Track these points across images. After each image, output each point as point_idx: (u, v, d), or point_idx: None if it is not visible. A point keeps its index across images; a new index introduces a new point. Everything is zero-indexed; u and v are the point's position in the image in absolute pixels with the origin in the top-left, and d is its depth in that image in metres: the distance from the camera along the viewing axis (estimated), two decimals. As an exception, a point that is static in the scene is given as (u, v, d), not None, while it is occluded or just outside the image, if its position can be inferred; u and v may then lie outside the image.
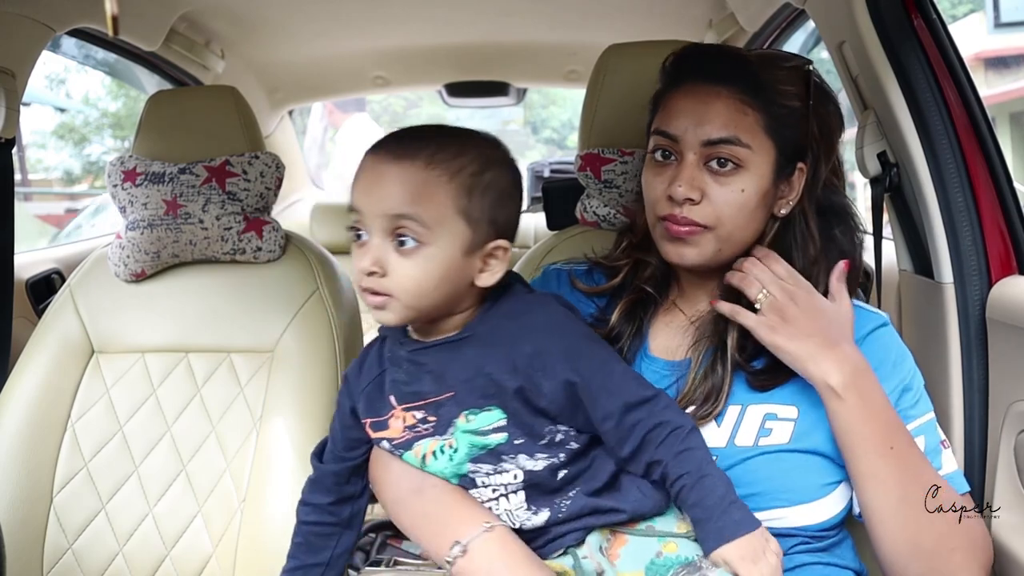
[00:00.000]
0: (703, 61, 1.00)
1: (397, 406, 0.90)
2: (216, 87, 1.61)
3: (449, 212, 0.83)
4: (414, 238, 0.82)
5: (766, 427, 0.97)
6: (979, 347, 1.16)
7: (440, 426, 0.88)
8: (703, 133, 0.94)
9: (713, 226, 0.95)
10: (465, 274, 0.86)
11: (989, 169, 1.18)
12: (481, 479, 0.88)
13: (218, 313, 1.44)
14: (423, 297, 0.84)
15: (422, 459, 0.90)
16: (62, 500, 1.36)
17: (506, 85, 2.89)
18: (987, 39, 6.78)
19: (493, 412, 0.86)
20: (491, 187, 0.85)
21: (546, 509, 0.88)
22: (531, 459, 0.87)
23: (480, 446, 0.87)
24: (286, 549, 1.27)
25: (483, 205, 0.85)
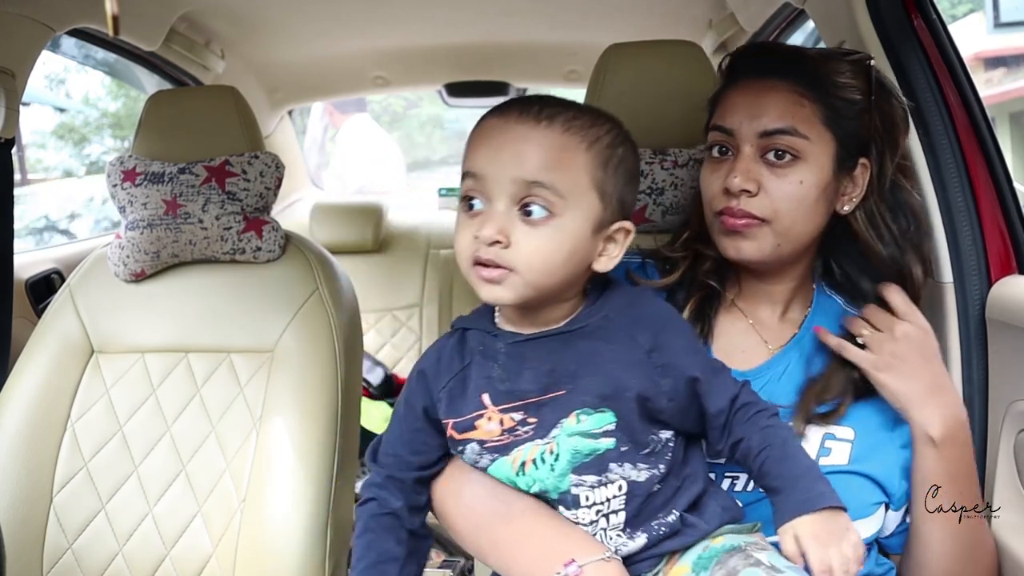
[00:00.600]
0: (758, 58, 1.00)
1: (491, 406, 0.82)
2: (216, 87, 1.61)
3: (584, 182, 0.78)
4: (545, 207, 0.76)
5: (826, 446, 0.96)
6: (979, 347, 1.16)
7: (541, 428, 0.81)
8: (759, 125, 0.93)
9: (770, 219, 0.93)
10: (589, 253, 0.80)
11: (989, 169, 1.18)
12: (585, 494, 0.81)
13: (218, 313, 1.44)
14: (549, 274, 0.78)
15: (520, 467, 0.82)
16: (62, 500, 1.36)
17: (506, 85, 2.89)
18: (987, 39, 6.77)
19: (606, 414, 0.80)
20: (624, 162, 0.81)
21: (643, 533, 0.82)
22: (635, 468, 0.80)
23: (586, 452, 0.79)
24: (286, 549, 1.27)
25: (616, 181, 0.80)
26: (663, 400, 0.81)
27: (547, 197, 0.76)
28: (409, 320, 2.65)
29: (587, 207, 0.78)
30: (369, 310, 2.58)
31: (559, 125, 0.77)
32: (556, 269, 0.78)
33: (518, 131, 0.77)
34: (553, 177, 0.76)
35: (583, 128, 0.78)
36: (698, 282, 1.02)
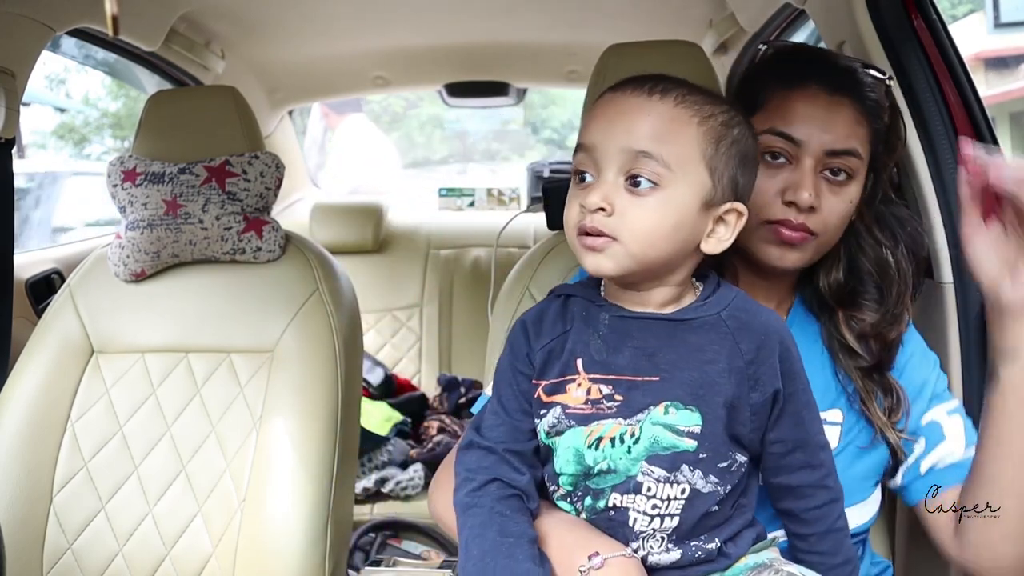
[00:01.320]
0: (825, 68, 0.96)
1: (583, 372, 0.81)
2: (216, 87, 1.61)
3: (694, 156, 0.77)
4: (651, 179, 0.76)
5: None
6: (979, 347, 1.16)
7: (627, 409, 0.79)
8: (828, 142, 0.92)
9: (821, 233, 0.94)
10: (696, 231, 0.79)
11: (989, 169, 1.18)
12: (649, 484, 0.79)
13: (218, 313, 1.44)
14: (652, 246, 0.77)
15: (595, 442, 0.80)
16: (62, 500, 1.36)
17: (506, 85, 2.89)
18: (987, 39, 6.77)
19: (694, 414, 0.78)
20: (738, 143, 0.79)
21: (679, 550, 0.81)
22: (704, 479, 0.79)
23: (665, 445, 0.78)
24: (286, 549, 1.27)
25: (728, 159, 0.78)
26: (747, 412, 0.80)
27: (654, 168, 0.76)
28: (409, 320, 2.65)
29: (696, 182, 0.77)
30: (369, 310, 2.58)
31: (671, 99, 0.77)
32: (660, 241, 0.77)
33: (631, 103, 0.77)
34: (661, 148, 0.76)
35: (697, 104, 0.78)
36: None
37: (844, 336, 0.98)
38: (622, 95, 0.79)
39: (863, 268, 0.99)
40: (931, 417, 0.99)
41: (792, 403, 0.82)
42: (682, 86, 0.79)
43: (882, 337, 0.98)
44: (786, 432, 0.82)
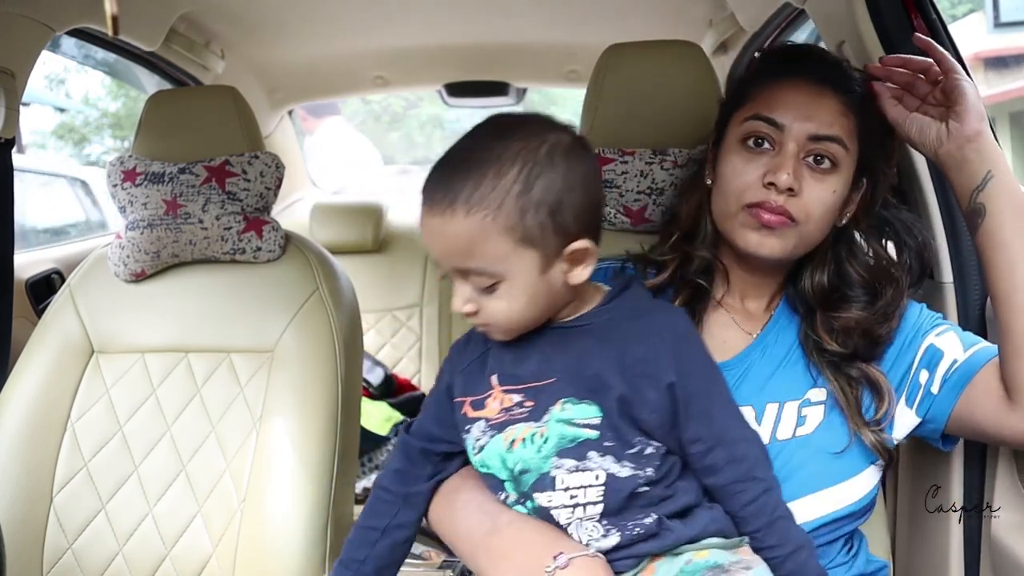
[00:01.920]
0: (811, 61, 1.00)
1: (497, 386, 0.88)
2: (216, 87, 1.61)
3: (508, 248, 0.80)
4: (490, 284, 0.81)
5: (801, 415, 0.98)
6: (979, 347, 1.16)
7: (536, 412, 0.85)
8: (811, 127, 0.94)
9: (801, 222, 0.94)
10: (552, 285, 0.83)
11: (989, 169, 1.18)
12: (562, 476, 0.84)
13: (218, 313, 1.44)
14: (518, 322, 0.84)
15: (510, 444, 0.86)
16: (62, 500, 1.36)
17: (506, 85, 2.89)
18: (987, 39, 6.78)
19: (591, 407, 0.84)
20: (544, 199, 0.80)
21: (616, 532, 0.83)
22: (617, 463, 0.83)
23: (570, 438, 0.83)
24: (286, 549, 1.27)
25: (540, 221, 0.80)
26: (645, 410, 0.83)
27: (485, 276, 0.81)
28: (409, 320, 2.65)
29: (524, 261, 0.81)
30: (369, 310, 2.58)
31: (461, 209, 0.79)
32: (522, 315, 0.84)
33: (431, 227, 0.82)
34: (478, 262, 0.80)
35: (484, 197, 0.79)
36: (687, 281, 1.03)
37: (820, 335, 0.99)
38: (425, 215, 0.82)
39: (853, 275, 1.00)
40: (925, 346, 0.99)
41: (698, 401, 0.84)
42: (466, 182, 0.79)
43: (869, 333, 0.99)
44: (700, 431, 0.84)
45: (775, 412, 0.98)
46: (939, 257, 1.17)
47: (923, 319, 1.02)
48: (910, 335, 1.00)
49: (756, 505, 0.85)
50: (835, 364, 0.99)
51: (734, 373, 1.00)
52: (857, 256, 1.00)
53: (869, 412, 0.98)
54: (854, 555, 0.99)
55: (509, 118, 0.85)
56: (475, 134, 0.83)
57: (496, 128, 0.83)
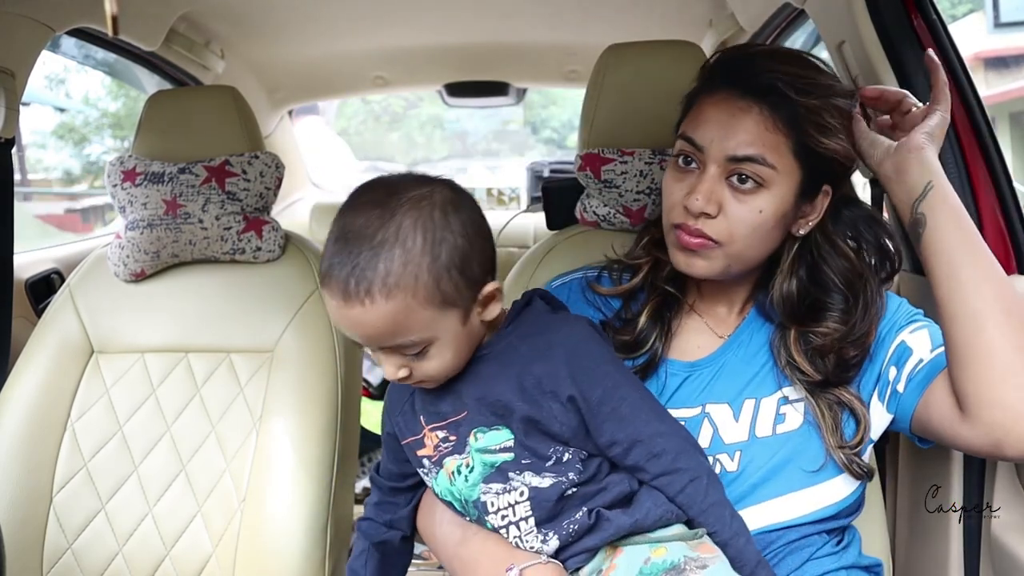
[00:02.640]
0: (741, 70, 0.94)
1: (425, 426, 0.91)
2: (216, 87, 1.61)
3: (431, 315, 0.82)
4: (422, 351, 0.84)
5: (780, 412, 0.98)
6: (979, 347, 1.15)
7: (459, 445, 0.89)
8: (729, 148, 0.91)
9: (725, 243, 0.93)
10: (473, 329, 0.86)
11: (989, 169, 1.18)
12: (491, 500, 0.87)
13: (218, 313, 1.44)
14: (451, 371, 0.87)
15: (450, 478, 0.90)
16: (62, 500, 1.36)
17: (506, 85, 2.89)
18: (987, 39, 6.78)
19: (501, 432, 0.86)
20: (452, 260, 0.82)
21: (554, 535, 0.86)
22: (537, 476, 0.86)
23: (490, 464, 0.87)
24: (286, 549, 1.27)
25: (455, 282, 0.82)
26: (554, 424, 0.85)
27: (418, 344, 0.83)
28: (409, 320, 2.65)
29: (448, 321, 0.83)
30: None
31: (379, 296, 0.79)
32: (455, 366, 0.87)
33: (350, 318, 0.81)
34: (410, 337, 0.82)
35: (399, 279, 0.79)
36: (657, 287, 1.04)
37: (792, 355, 0.98)
38: (340, 307, 0.81)
39: (827, 279, 0.98)
40: (897, 342, 0.98)
41: (605, 405, 0.85)
42: (375, 269, 0.79)
43: (841, 354, 0.96)
44: (614, 433, 0.85)
45: (752, 408, 0.98)
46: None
47: (900, 314, 1.00)
48: (884, 329, 0.99)
49: (685, 495, 0.85)
50: (810, 389, 0.98)
51: (708, 372, 1.01)
52: (827, 260, 0.98)
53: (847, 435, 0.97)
54: (844, 547, 0.98)
55: (383, 186, 0.84)
56: (360, 211, 0.82)
57: (379, 201, 0.82)
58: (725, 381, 1.00)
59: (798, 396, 0.98)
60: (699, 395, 0.99)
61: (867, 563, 1.00)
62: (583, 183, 1.32)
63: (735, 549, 0.85)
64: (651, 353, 1.01)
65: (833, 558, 0.97)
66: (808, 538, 0.95)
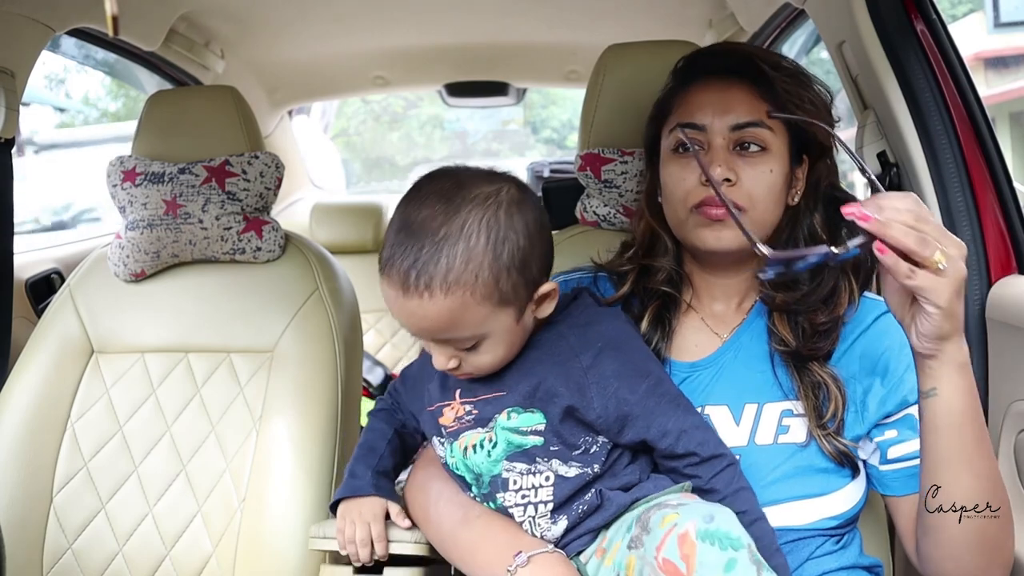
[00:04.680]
0: (715, 59, 1.03)
1: (458, 399, 0.93)
2: (216, 87, 1.61)
3: (488, 312, 0.83)
4: (474, 346, 0.85)
5: (783, 424, 0.98)
6: (979, 347, 1.16)
7: (481, 419, 0.90)
8: (730, 119, 0.97)
9: (748, 207, 0.96)
10: (526, 326, 0.88)
11: (989, 169, 1.18)
12: (514, 478, 0.89)
13: (218, 313, 1.44)
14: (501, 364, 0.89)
15: (464, 451, 0.92)
16: (62, 500, 1.36)
17: (506, 85, 2.89)
18: (987, 39, 6.78)
19: (535, 415, 0.88)
20: (513, 261, 0.83)
21: (564, 517, 0.88)
22: (564, 464, 0.88)
23: (517, 445, 0.88)
24: (286, 549, 1.27)
25: (513, 282, 0.83)
26: (592, 414, 0.87)
27: (468, 341, 0.85)
28: (409, 320, 2.65)
29: (502, 318, 0.85)
30: (369, 310, 2.58)
31: (439, 290, 0.80)
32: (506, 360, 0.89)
33: (407, 308, 0.82)
34: (461, 332, 0.84)
35: (458, 275, 0.80)
36: (653, 291, 1.05)
37: (775, 322, 1.00)
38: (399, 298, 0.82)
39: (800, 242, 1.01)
40: (910, 409, 0.97)
41: (651, 398, 0.88)
42: (439, 261, 0.80)
43: (810, 319, 0.98)
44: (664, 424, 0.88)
45: (754, 413, 0.98)
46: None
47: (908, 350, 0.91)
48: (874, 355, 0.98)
49: (720, 479, 0.87)
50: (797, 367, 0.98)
51: (708, 373, 1.01)
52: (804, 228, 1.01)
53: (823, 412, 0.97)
54: (843, 547, 0.98)
55: (450, 178, 0.85)
56: (425, 203, 0.83)
57: (445, 194, 0.83)
58: (725, 383, 1.00)
59: (802, 411, 0.97)
60: (698, 396, 0.99)
61: (867, 563, 1.00)
62: (583, 183, 1.32)
63: (759, 530, 0.85)
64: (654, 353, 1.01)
65: (833, 557, 0.97)
66: (806, 539, 0.95)
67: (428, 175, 0.87)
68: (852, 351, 1.00)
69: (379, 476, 1.01)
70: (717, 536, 0.74)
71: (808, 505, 0.95)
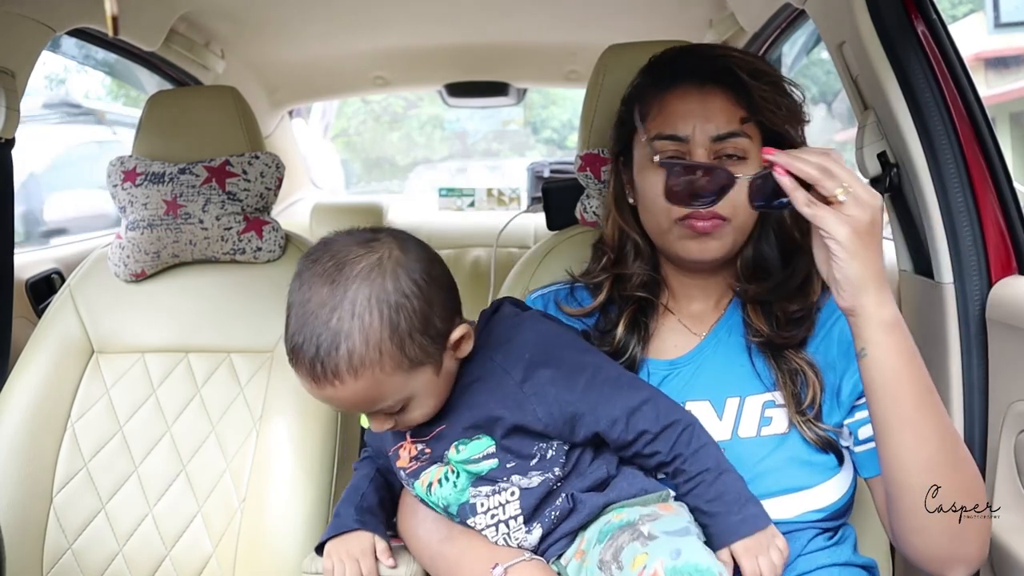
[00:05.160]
0: (692, 63, 1.01)
1: (408, 438, 0.93)
2: (216, 87, 1.61)
3: (403, 378, 0.83)
4: (399, 408, 0.85)
5: (766, 415, 0.98)
6: (979, 347, 1.16)
7: (435, 457, 0.91)
8: (711, 130, 0.96)
9: (731, 217, 0.97)
10: (448, 371, 0.88)
11: (989, 169, 1.18)
12: (480, 501, 0.90)
13: (218, 313, 1.44)
14: (434, 413, 0.89)
15: (428, 488, 0.92)
16: (62, 500, 1.36)
17: (506, 85, 2.89)
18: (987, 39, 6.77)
19: (483, 440, 0.88)
20: (411, 326, 0.81)
21: (537, 524, 0.89)
22: (525, 477, 0.88)
23: (475, 472, 0.89)
24: (286, 549, 1.27)
25: (419, 343, 0.82)
26: (539, 425, 0.87)
27: (396, 406, 0.85)
28: (409, 320, 2.65)
29: (423, 377, 0.84)
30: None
31: (347, 378, 0.80)
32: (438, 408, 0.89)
33: (327, 395, 0.82)
34: (383, 403, 0.84)
35: (363, 359, 0.79)
36: (629, 297, 1.05)
37: (748, 313, 1.01)
38: (314, 390, 0.82)
39: (770, 238, 1.02)
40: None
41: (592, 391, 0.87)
42: (339, 352, 0.79)
43: (784, 309, 0.99)
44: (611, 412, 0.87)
45: (736, 407, 0.99)
46: (939, 257, 1.17)
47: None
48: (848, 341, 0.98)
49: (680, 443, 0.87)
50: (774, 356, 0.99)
51: (687, 370, 1.02)
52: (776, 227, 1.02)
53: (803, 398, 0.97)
54: (836, 543, 0.98)
55: (330, 258, 0.82)
56: (312, 289, 0.81)
57: (328, 276, 0.81)
58: (705, 378, 1.01)
59: (783, 401, 0.98)
60: (679, 392, 1.00)
61: (861, 562, 1.00)
62: (583, 183, 1.32)
63: (725, 483, 0.86)
64: (630, 357, 1.02)
65: (825, 553, 0.97)
66: (796, 533, 0.95)
67: (305, 256, 0.85)
68: (830, 336, 1.01)
69: (364, 512, 1.00)
70: (686, 571, 0.74)
71: (795, 498, 0.95)
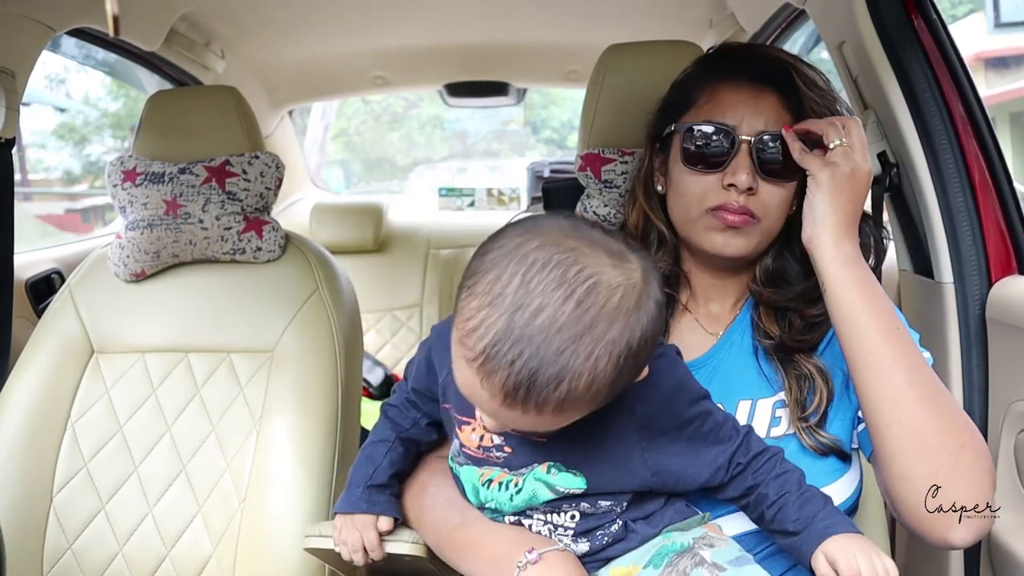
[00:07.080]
0: (752, 62, 1.00)
1: (479, 419, 0.83)
2: (216, 87, 1.61)
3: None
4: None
5: (776, 415, 0.98)
6: (979, 347, 1.16)
7: (513, 461, 0.85)
8: (759, 124, 0.96)
9: (762, 217, 0.96)
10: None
11: (989, 169, 1.18)
12: (538, 517, 0.87)
13: (218, 313, 1.44)
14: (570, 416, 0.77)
15: (486, 482, 0.87)
16: (62, 500, 1.36)
17: (506, 85, 2.90)
18: (987, 39, 6.77)
19: (578, 478, 0.83)
20: (634, 370, 0.73)
21: (586, 541, 0.86)
22: (592, 506, 0.85)
23: (543, 500, 0.84)
24: (286, 549, 1.27)
25: (624, 382, 0.74)
26: (643, 470, 0.84)
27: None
28: (409, 320, 2.65)
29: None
30: (369, 310, 2.58)
31: (549, 412, 0.70)
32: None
33: (501, 411, 0.71)
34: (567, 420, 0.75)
35: (579, 400, 0.70)
36: None
37: (760, 317, 1.01)
38: (487, 396, 0.70)
39: (794, 251, 1.01)
40: None
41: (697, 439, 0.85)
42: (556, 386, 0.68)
43: (801, 313, 0.99)
44: (717, 459, 0.85)
45: (748, 410, 0.99)
46: (939, 257, 1.17)
47: None
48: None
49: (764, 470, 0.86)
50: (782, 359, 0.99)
51: (702, 373, 1.01)
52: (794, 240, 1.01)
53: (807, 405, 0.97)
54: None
55: (574, 255, 0.70)
56: (544, 291, 0.68)
57: (572, 288, 0.68)
58: (720, 382, 1.00)
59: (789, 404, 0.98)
60: None
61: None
62: (583, 183, 1.32)
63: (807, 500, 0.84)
64: None
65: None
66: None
67: (534, 234, 0.72)
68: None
69: (371, 490, 0.96)
70: None
71: None
